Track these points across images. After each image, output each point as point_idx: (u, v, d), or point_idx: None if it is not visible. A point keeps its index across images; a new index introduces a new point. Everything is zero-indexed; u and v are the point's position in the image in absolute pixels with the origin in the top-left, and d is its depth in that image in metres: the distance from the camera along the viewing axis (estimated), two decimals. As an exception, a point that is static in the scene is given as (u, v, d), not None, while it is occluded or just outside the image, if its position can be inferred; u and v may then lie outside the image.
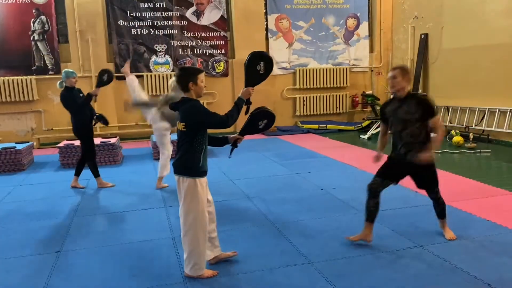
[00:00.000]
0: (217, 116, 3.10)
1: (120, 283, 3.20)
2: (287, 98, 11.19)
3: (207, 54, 10.54)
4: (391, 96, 3.78)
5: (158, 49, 10.30)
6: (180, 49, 10.41)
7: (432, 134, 3.61)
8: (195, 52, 10.50)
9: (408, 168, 3.68)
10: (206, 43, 10.51)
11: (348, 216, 4.53)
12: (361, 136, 9.70)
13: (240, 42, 10.59)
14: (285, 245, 3.79)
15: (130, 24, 10.08)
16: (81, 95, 5.78)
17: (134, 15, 10.06)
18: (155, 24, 10.21)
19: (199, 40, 10.47)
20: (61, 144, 7.52)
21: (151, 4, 10.12)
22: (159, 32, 10.25)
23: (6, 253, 3.78)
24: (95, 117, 5.87)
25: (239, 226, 4.16)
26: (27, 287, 3.17)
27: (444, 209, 3.85)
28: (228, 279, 3.20)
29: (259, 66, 3.45)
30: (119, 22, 10.00)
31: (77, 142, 7.48)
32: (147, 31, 10.18)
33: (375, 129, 9.77)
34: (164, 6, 10.20)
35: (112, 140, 7.64)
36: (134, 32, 10.10)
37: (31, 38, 9.61)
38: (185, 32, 10.38)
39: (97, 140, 7.67)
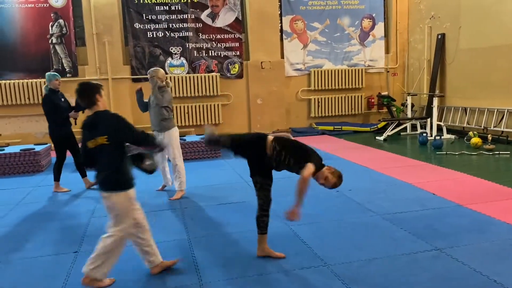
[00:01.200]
0: (136, 131, 3.13)
1: (137, 284, 3.22)
2: (301, 100, 11.16)
3: (222, 56, 10.58)
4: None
5: (174, 51, 10.38)
6: (195, 51, 10.47)
7: None
8: (210, 54, 10.55)
9: None
10: (221, 45, 10.55)
11: (364, 218, 4.49)
12: (376, 137, 9.62)
13: (255, 44, 10.61)
14: (300, 247, 3.77)
15: (146, 27, 10.18)
16: (62, 99, 5.93)
17: (150, 18, 10.16)
18: (171, 26, 10.29)
19: (214, 42, 10.52)
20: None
21: (167, 7, 10.21)
22: (175, 34, 10.32)
23: (26, 253, 3.85)
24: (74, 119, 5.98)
25: (254, 227, 4.15)
26: (47, 286, 3.22)
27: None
28: (244, 281, 3.21)
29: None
30: (135, 25, 10.11)
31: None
32: (162, 34, 10.26)
33: (391, 130, 9.68)
34: (180, 8, 10.27)
35: (128, 142, 7.72)
36: (149, 35, 10.20)
37: (50, 41, 9.77)
38: (200, 34, 10.44)
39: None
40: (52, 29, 9.76)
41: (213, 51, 10.55)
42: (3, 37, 9.54)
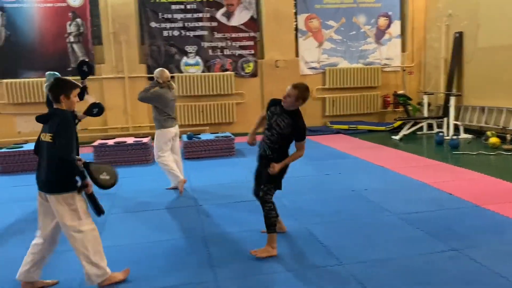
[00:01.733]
0: (69, 147, 2.91)
1: (151, 283, 3.26)
2: (316, 98, 11.12)
3: (236, 54, 10.60)
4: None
5: (189, 50, 10.44)
6: (210, 50, 10.52)
7: None
8: (225, 53, 10.58)
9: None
10: (236, 43, 10.57)
11: (380, 218, 4.46)
12: (392, 137, 9.54)
13: (269, 43, 10.60)
14: (316, 246, 3.77)
15: (162, 26, 10.25)
16: None
17: (165, 17, 10.23)
18: (186, 25, 10.35)
19: (228, 41, 10.55)
20: (95, 143, 7.72)
21: (182, 6, 10.27)
22: (190, 33, 10.38)
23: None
24: (78, 120, 6.00)
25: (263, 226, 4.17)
26: (67, 282, 3.28)
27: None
28: (259, 278, 3.22)
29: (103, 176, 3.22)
30: (151, 24, 10.19)
31: (110, 142, 7.68)
32: (178, 33, 10.33)
33: (407, 129, 9.58)
34: (195, 7, 10.32)
35: (144, 140, 7.80)
36: (165, 34, 10.27)
37: (67, 40, 9.91)
38: (215, 33, 10.47)
39: (130, 140, 7.85)
40: (69, 28, 9.90)
41: (227, 50, 10.58)
42: (22, 36, 9.71)
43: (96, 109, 5.92)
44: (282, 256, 3.57)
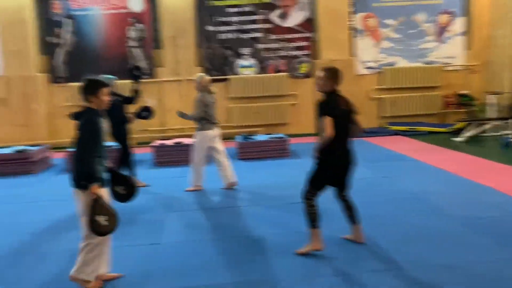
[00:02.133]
0: (88, 147, 3.00)
1: (212, 279, 3.34)
2: (373, 99, 10.86)
3: (291, 55, 10.59)
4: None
5: (244, 52, 10.57)
6: (264, 52, 10.59)
7: None
8: (279, 54, 10.61)
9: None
10: (291, 44, 10.57)
11: (440, 222, 4.28)
12: (454, 138, 9.10)
13: (325, 43, 10.50)
14: (374, 250, 3.68)
15: (218, 29, 10.47)
16: (119, 98, 6.16)
17: (221, 20, 10.44)
18: (241, 28, 10.49)
19: (283, 42, 10.57)
20: (155, 144, 8.02)
21: (238, 9, 10.42)
22: (245, 35, 10.51)
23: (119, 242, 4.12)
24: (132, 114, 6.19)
25: (324, 229, 4.13)
26: (130, 276, 3.43)
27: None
28: (318, 281, 3.20)
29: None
30: (207, 27, 10.43)
31: (169, 142, 7.94)
32: (233, 35, 10.50)
33: (470, 131, 9.11)
34: (250, 10, 10.44)
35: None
36: (221, 37, 10.47)
37: (129, 45, 10.38)
38: (270, 34, 10.53)
39: (187, 140, 8.07)
40: (131, 33, 10.36)
41: (282, 51, 10.60)
42: (88, 41, 10.30)
43: (145, 112, 6.22)
44: (339, 259, 3.53)
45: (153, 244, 4.04)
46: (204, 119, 5.74)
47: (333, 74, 3.57)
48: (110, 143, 5.54)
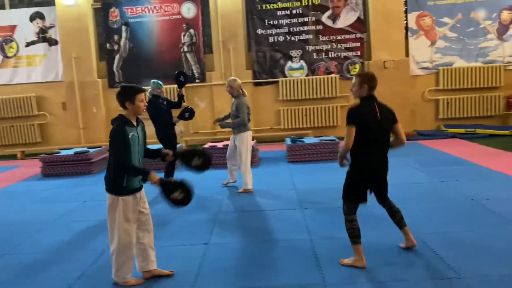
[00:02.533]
0: (123, 157, 3.09)
1: (261, 281, 3.32)
2: (428, 100, 10.44)
3: (342, 57, 10.42)
4: None
5: (293, 54, 10.53)
6: (314, 54, 10.48)
7: None
8: (330, 55, 10.46)
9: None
10: (341, 45, 10.40)
11: (505, 230, 4.01)
12: (518, 142, 8.56)
13: (377, 43, 10.23)
14: (431, 257, 3.52)
15: (268, 32, 10.49)
16: (164, 102, 6.33)
17: (271, 23, 10.45)
18: (291, 30, 10.45)
19: (334, 44, 10.42)
20: (206, 146, 8.15)
21: (288, 11, 10.40)
22: (295, 38, 10.46)
23: (162, 242, 4.21)
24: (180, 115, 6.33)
25: (379, 234, 4.00)
26: (181, 275, 3.49)
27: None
28: (372, 285, 3.10)
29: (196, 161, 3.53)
30: (257, 31, 10.49)
31: (219, 144, 8.04)
32: (283, 38, 10.48)
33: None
34: (301, 12, 10.38)
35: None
36: (271, 40, 10.48)
37: (181, 50, 10.64)
38: (320, 36, 10.42)
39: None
40: (183, 39, 10.61)
41: (333, 53, 10.45)
42: (143, 47, 10.66)
43: (187, 113, 6.36)
44: (395, 265, 3.41)
45: (202, 244, 4.09)
46: (246, 121, 5.96)
47: (366, 79, 3.46)
48: (156, 146, 5.70)
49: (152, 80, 6.40)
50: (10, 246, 4.36)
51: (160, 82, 6.36)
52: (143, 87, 3.38)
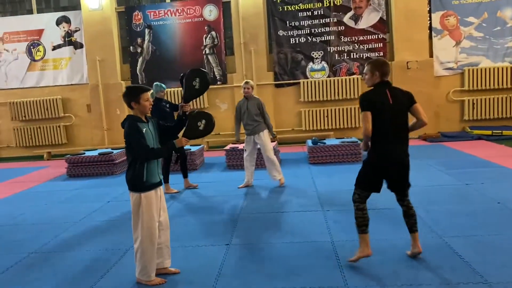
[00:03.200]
0: (141, 145, 3.19)
1: (282, 283, 3.31)
2: (453, 101, 10.24)
3: (364, 57, 10.31)
4: None
5: (315, 56, 10.48)
6: (336, 55, 10.42)
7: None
8: (352, 56, 10.37)
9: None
10: (363, 46, 10.30)
11: (535, 235, 3.90)
12: (547, 144, 8.31)
13: (400, 43, 10.10)
14: (456, 261, 3.45)
15: (289, 34, 10.47)
16: (167, 105, 6.40)
17: (293, 25, 10.43)
18: (313, 31, 10.41)
19: (356, 44, 10.33)
20: (227, 147, 8.19)
21: (309, 12, 10.36)
22: (316, 39, 10.42)
23: (185, 242, 4.26)
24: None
25: (400, 235, 3.94)
26: (203, 274, 3.51)
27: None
28: (392, 290, 3.06)
29: (194, 82, 3.64)
30: (279, 33, 10.48)
31: (240, 146, 8.06)
32: (304, 39, 10.45)
33: None
34: (322, 13, 10.34)
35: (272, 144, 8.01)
36: (292, 41, 10.47)
37: (203, 52, 10.73)
38: (342, 37, 10.34)
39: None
40: (205, 41, 10.70)
41: (354, 53, 10.36)
42: (165, 49, 10.80)
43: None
44: (418, 268, 3.35)
45: (223, 245, 4.11)
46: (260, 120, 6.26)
47: (377, 66, 3.41)
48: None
49: (155, 83, 6.48)
50: (38, 245, 4.48)
51: (163, 85, 6.44)
52: (148, 87, 3.46)
